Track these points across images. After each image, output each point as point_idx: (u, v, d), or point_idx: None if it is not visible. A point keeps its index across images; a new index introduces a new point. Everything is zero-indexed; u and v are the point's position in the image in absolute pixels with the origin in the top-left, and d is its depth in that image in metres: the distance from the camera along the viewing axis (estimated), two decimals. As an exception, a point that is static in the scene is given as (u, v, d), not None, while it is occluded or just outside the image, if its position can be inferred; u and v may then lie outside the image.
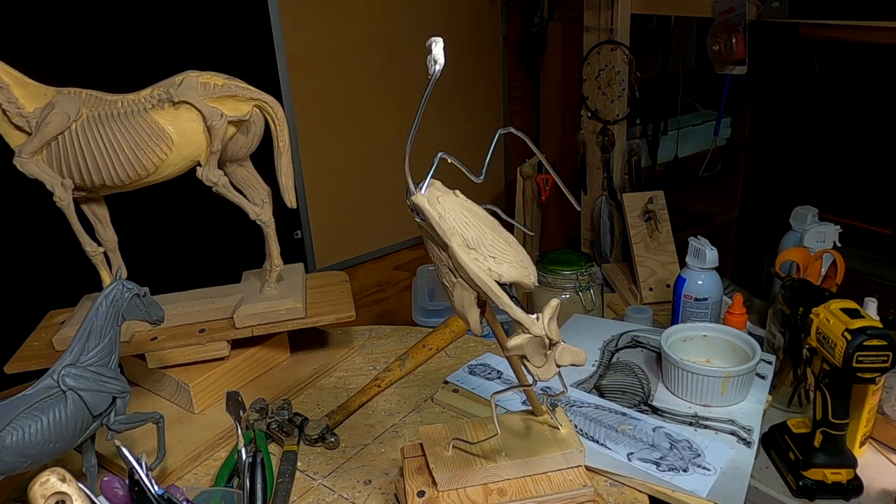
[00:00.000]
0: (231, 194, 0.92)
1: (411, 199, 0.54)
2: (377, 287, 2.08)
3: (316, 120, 1.79)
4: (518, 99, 2.27)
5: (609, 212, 1.77)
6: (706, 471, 0.78)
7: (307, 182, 1.81)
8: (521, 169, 1.91)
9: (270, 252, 0.98)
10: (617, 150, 1.73)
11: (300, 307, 0.95)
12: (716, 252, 1.20)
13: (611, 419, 0.88)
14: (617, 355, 1.06)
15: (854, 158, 1.97)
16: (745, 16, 1.34)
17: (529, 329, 0.52)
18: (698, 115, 2.14)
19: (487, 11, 2.11)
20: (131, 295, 0.71)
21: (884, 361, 0.78)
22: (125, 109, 0.84)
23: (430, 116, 0.50)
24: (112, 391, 0.69)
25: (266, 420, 0.88)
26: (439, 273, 0.57)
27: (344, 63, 1.81)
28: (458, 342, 1.11)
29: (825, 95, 1.98)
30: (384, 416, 0.92)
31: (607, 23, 1.63)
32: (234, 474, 0.80)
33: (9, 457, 0.62)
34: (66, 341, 0.84)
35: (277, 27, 1.65)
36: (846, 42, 1.66)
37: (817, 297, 0.87)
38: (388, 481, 0.79)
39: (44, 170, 0.84)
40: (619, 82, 1.66)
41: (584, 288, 1.43)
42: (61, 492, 0.53)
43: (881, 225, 1.90)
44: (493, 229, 0.56)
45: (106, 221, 0.94)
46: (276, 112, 0.90)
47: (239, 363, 0.97)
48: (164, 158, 0.86)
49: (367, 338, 1.13)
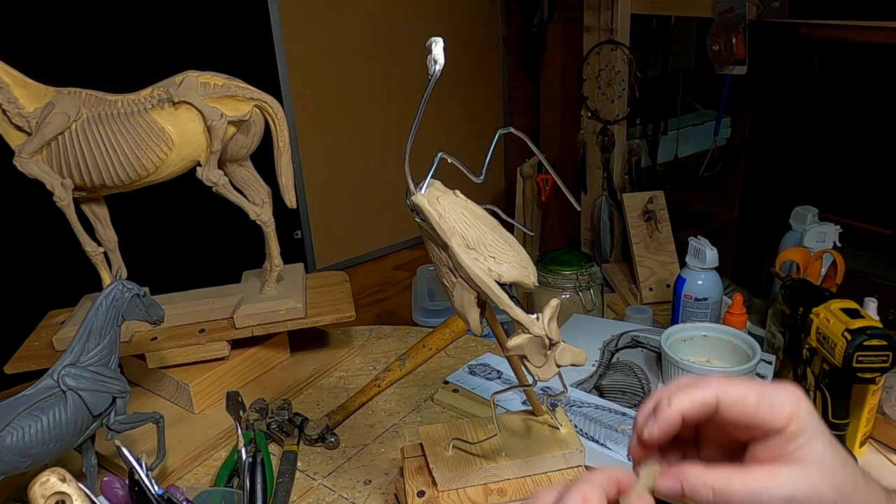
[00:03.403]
0: (231, 194, 0.92)
1: (411, 200, 0.54)
2: (377, 287, 2.08)
3: (316, 120, 1.79)
4: (518, 99, 2.28)
5: (609, 212, 1.77)
6: (706, 471, 0.78)
7: (307, 182, 1.81)
8: (521, 169, 1.91)
9: (270, 252, 0.98)
10: (617, 150, 1.73)
11: (300, 307, 0.95)
12: (716, 252, 1.20)
13: (611, 419, 0.88)
14: (617, 355, 1.06)
15: (854, 158, 1.97)
16: (745, 16, 1.34)
17: (529, 329, 0.52)
18: (698, 115, 2.14)
19: (487, 11, 2.11)
20: (131, 295, 0.71)
21: (884, 361, 0.78)
22: (125, 109, 0.84)
23: (430, 116, 0.50)
24: (112, 391, 0.69)
25: (266, 420, 0.88)
26: (439, 273, 0.57)
27: (344, 63, 1.81)
28: (458, 342, 1.11)
29: (825, 95, 1.98)
30: (384, 416, 0.92)
31: (607, 23, 1.63)
32: (234, 474, 0.80)
33: (9, 457, 0.62)
34: (66, 341, 0.84)
35: (277, 27, 1.65)
36: (846, 42, 1.66)
37: (817, 297, 0.87)
38: (388, 481, 0.79)
39: (44, 170, 0.84)
40: (619, 82, 1.66)
41: (584, 288, 1.43)
42: (61, 492, 0.53)
43: (881, 225, 1.90)
44: (493, 229, 0.56)
45: (106, 221, 0.94)
46: (276, 112, 0.90)
47: (239, 363, 0.97)
48: (164, 158, 0.86)
49: (367, 338, 1.13)
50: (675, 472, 0.44)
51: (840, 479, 0.42)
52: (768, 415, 0.43)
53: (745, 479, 0.42)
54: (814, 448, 0.42)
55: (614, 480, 0.45)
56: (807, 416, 0.43)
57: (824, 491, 0.42)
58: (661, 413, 0.45)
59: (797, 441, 0.43)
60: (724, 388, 0.44)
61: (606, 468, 0.45)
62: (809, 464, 0.42)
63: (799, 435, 0.43)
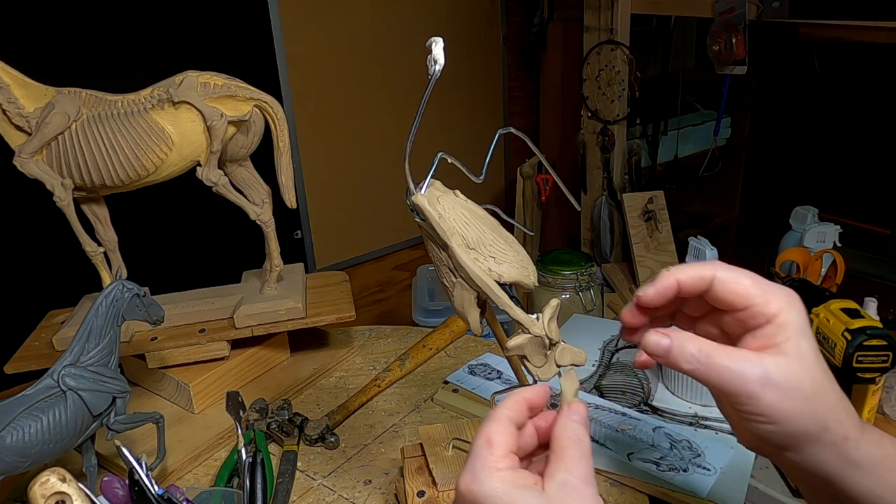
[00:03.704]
0: (231, 194, 0.92)
1: (411, 200, 0.54)
2: (377, 287, 2.08)
3: (316, 120, 1.79)
4: (518, 99, 2.28)
5: (609, 212, 1.77)
6: (706, 471, 0.78)
7: (307, 182, 1.81)
8: (521, 169, 1.91)
9: (270, 252, 0.98)
10: (617, 150, 1.73)
11: (300, 307, 0.95)
12: (716, 252, 1.20)
13: (611, 419, 0.88)
14: (617, 355, 1.06)
15: (854, 158, 1.97)
16: (745, 16, 1.34)
17: (529, 329, 0.52)
18: (698, 115, 2.14)
19: (487, 11, 2.11)
20: (131, 295, 0.71)
21: (884, 361, 0.78)
22: (125, 109, 0.84)
23: (430, 116, 0.50)
24: (112, 391, 0.69)
25: (266, 420, 0.88)
26: (439, 273, 0.57)
27: (344, 63, 1.81)
28: (458, 342, 1.11)
29: (825, 95, 1.98)
30: (384, 416, 0.92)
31: (607, 23, 1.63)
32: (234, 474, 0.80)
33: (9, 457, 0.62)
34: (66, 341, 0.84)
35: (277, 27, 1.65)
36: (846, 42, 1.66)
37: (817, 297, 0.87)
38: (388, 481, 0.79)
39: (44, 170, 0.84)
40: (619, 82, 1.66)
41: (584, 288, 1.43)
42: (61, 492, 0.53)
43: (881, 225, 1.90)
44: (493, 229, 0.56)
45: (106, 221, 0.94)
46: (276, 112, 0.90)
47: (239, 363, 0.97)
48: (164, 158, 0.86)
49: (367, 338, 1.13)
50: (665, 331, 0.47)
51: (819, 378, 0.44)
52: (759, 298, 0.45)
53: (731, 353, 0.44)
54: (800, 343, 0.44)
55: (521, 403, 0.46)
56: (797, 314, 0.45)
57: (803, 382, 0.43)
58: (660, 278, 0.48)
59: (785, 332, 0.44)
60: (723, 267, 0.47)
61: (511, 395, 0.47)
62: (793, 356, 0.44)
63: (787, 327, 0.44)
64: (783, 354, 0.44)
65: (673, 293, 0.48)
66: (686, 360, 0.45)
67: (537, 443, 0.47)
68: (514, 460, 0.43)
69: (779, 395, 0.43)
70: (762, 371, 0.43)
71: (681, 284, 0.47)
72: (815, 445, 0.44)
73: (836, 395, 0.45)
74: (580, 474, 0.42)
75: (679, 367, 0.46)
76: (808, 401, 0.43)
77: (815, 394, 0.43)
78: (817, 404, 0.43)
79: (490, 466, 0.42)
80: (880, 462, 0.44)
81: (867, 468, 0.44)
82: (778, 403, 0.43)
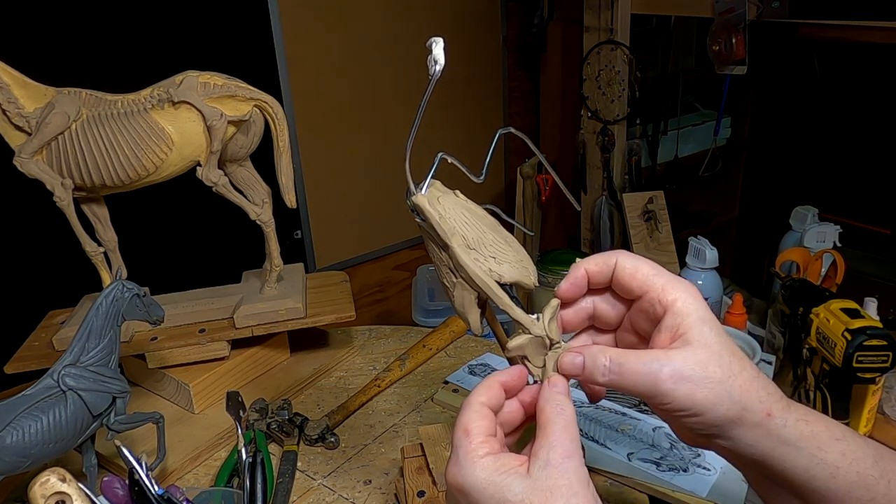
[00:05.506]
0: (231, 194, 0.92)
1: (411, 200, 0.54)
2: (377, 287, 2.08)
3: (316, 120, 1.79)
4: (518, 99, 2.27)
5: (609, 212, 1.77)
6: (706, 471, 0.78)
7: (307, 182, 1.81)
8: (521, 169, 1.91)
9: (270, 252, 0.98)
10: (617, 150, 1.73)
11: (300, 307, 0.95)
12: (716, 252, 1.20)
13: (611, 419, 0.88)
14: (617, 355, 1.06)
15: (854, 158, 1.97)
16: (745, 16, 1.34)
17: (530, 329, 0.52)
18: (698, 115, 2.14)
19: (487, 11, 2.11)
20: (131, 295, 0.71)
21: (884, 361, 0.78)
22: (125, 109, 0.84)
23: (430, 116, 0.50)
24: (112, 391, 0.69)
25: (266, 420, 0.88)
26: (439, 273, 0.57)
27: (344, 63, 1.81)
28: (458, 342, 1.11)
29: (825, 95, 1.98)
30: (384, 416, 0.93)
31: (607, 23, 1.63)
32: (234, 474, 0.80)
33: (9, 457, 0.62)
34: (66, 341, 0.84)
35: (277, 27, 1.65)
36: (846, 42, 1.66)
37: (817, 297, 0.87)
38: (388, 481, 0.79)
39: (44, 170, 0.84)
40: (619, 82, 1.66)
41: (584, 288, 1.42)
42: (61, 492, 0.53)
43: (881, 225, 1.90)
44: (493, 229, 0.56)
45: (106, 221, 0.94)
46: (276, 112, 0.90)
47: (239, 363, 0.97)
48: (164, 158, 0.86)
49: (367, 338, 1.13)
50: (578, 349, 0.49)
51: (727, 361, 0.45)
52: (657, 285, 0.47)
53: (640, 356, 0.46)
54: (702, 329, 0.46)
55: (494, 387, 0.49)
56: (695, 301, 0.47)
57: (712, 368, 0.45)
58: (571, 270, 0.52)
59: (686, 320, 0.46)
60: (625, 255, 0.50)
61: (485, 381, 0.49)
62: (698, 344, 0.45)
63: (687, 315, 0.46)
64: (688, 344, 0.45)
65: (584, 282, 0.51)
66: (600, 373, 0.47)
67: (524, 417, 0.50)
68: (493, 444, 0.45)
69: (691, 387, 0.44)
70: (671, 368, 0.44)
71: (589, 273, 0.51)
72: (739, 427, 0.45)
73: (751, 374, 0.46)
74: (563, 450, 0.43)
75: (596, 381, 0.48)
76: (722, 384, 0.44)
77: (726, 377, 0.44)
78: (731, 386, 0.44)
79: (471, 454, 0.44)
80: (810, 438, 0.45)
81: (798, 445, 0.45)
82: (692, 395, 0.44)
